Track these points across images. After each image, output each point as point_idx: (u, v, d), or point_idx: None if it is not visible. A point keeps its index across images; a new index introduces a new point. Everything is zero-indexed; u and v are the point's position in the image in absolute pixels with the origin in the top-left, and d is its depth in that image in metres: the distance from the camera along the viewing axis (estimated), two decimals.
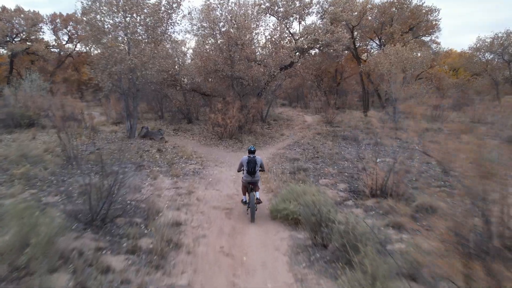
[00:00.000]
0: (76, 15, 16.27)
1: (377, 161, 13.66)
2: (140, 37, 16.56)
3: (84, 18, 15.68)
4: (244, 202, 8.09)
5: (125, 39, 15.83)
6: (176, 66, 20.84)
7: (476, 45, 35.56)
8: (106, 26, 15.62)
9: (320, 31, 18.65)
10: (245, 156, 7.92)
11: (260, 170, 7.88)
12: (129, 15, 15.63)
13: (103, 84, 16.06)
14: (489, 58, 35.89)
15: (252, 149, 7.90)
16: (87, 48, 18.38)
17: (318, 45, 19.19)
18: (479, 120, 25.17)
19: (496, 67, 34.24)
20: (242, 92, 20.06)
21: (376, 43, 33.13)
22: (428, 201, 8.47)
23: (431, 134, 20.12)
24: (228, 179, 11.17)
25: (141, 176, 10.65)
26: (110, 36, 15.48)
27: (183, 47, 22.63)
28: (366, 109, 31.57)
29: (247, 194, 7.89)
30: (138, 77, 15.94)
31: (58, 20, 37.13)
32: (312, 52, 23.64)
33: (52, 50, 37.07)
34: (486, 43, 34.61)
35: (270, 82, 19.61)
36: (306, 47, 19.33)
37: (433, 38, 30.34)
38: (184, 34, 24.29)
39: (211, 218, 7.73)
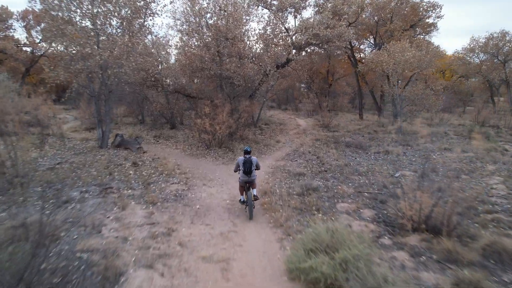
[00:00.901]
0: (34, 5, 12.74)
1: (396, 175, 11.30)
2: (113, 29, 13.77)
3: (43, 6, 12.75)
4: (242, 202, 8.04)
5: (94, 30, 12.97)
6: (158, 65, 18.06)
7: (470, 46, 33.94)
8: (70, 15, 12.77)
9: (320, 25, 16.18)
10: (241, 157, 7.81)
11: (255, 169, 7.87)
12: (99, 4, 12.83)
13: (70, 84, 13.23)
14: (483, 58, 34.29)
15: (248, 150, 7.86)
16: (50, 43, 15.17)
17: (318, 41, 16.72)
18: (483, 122, 23.27)
19: (491, 68, 32.55)
20: (233, 94, 17.44)
21: (371, 42, 31.01)
22: (497, 241, 6.11)
23: (439, 138, 18.07)
24: (221, 205, 8.51)
25: (105, 205, 7.89)
26: (75, 27, 12.61)
27: (165, 45, 19.80)
28: (361, 111, 29.37)
29: (244, 193, 7.95)
30: (109, 75, 13.14)
31: (30, 17, 33.65)
32: (309, 49, 21.08)
33: (24, 48, 33.61)
34: (480, 44, 33.00)
35: (265, 82, 17.01)
36: (304, 43, 16.84)
37: (430, 37, 28.28)
38: (167, 30, 20.38)
39: (200, 283, 5.07)
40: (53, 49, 14.55)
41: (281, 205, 8.31)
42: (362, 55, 31.99)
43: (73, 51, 12.50)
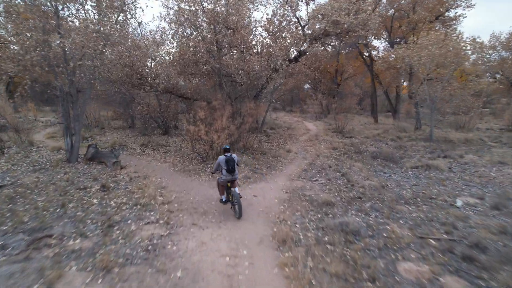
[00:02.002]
0: None
1: (458, 204, 8.09)
2: (84, 11, 10.54)
3: None
4: (225, 202, 7.61)
5: (53, 7, 9.74)
6: (146, 60, 14.85)
7: (490, 43, 30.63)
8: None
9: (340, 11, 12.95)
10: (221, 156, 7.23)
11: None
12: None
13: (23, 81, 10.03)
14: (505, 56, 30.97)
15: (228, 147, 7.37)
16: None
17: (338, 31, 13.47)
18: None
19: None
20: (234, 94, 14.23)
21: (384, 38, 27.75)
22: None
23: (479, 147, 14.66)
24: (218, 269, 5.23)
25: (23, 278, 4.67)
26: (25, 2, 9.38)
27: (154, 37, 16.56)
28: (376, 114, 26.15)
29: (225, 193, 7.61)
30: (73, 69, 9.92)
31: None
32: (325, 41, 17.79)
33: None
34: (502, 40, 29.71)
35: (273, 79, 13.77)
36: (320, 32, 13.61)
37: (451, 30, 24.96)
38: (159, 22, 16.79)
39: None
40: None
41: (311, 267, 5.11)
42: (374, 52, 28.71)
43: (24, 38, 9.25)
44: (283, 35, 14.10)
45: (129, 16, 11.50)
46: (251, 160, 12.25)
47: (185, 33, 12.22)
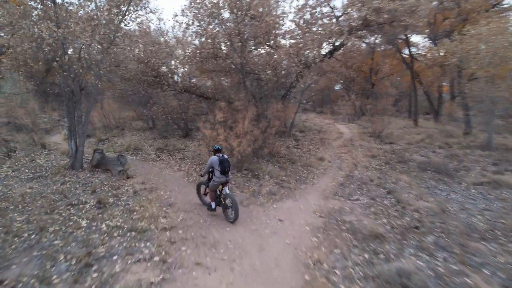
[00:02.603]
0: None
1: None
2: None
3: None
4: (214, 209, 7.01)
5: None
6: (165, 56, 13.38)
7: None
8: None
9: None
10: (214, 157, 6.64)
11: None
12: None
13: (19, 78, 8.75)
14: None
15: (219, 148, 6.83)
16: None
17: (381, 20, 11.36)
18: None
19: None
20: (259, 94, 12.44)
21: (425, 34, 24.97)
22: None
23: None
24: None
25: None
26: None
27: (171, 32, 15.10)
28: (416, 116, 23.53)
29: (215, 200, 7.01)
30: (69, 63, 8.46)
31: None
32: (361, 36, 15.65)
33: None
34: None
35: (304, 76, 11.84)
36: (360, 22, 11.56)
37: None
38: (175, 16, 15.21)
39: None
40: None
41: None
42: (414, 49, 25.99)
43: (17, 27, 7.90)
44: (314, 29, 12.17)
45: (138, 8, 9.94)
46: (277, 171, 10.41)
47: (202, 22, 10.46)
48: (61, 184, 8.70)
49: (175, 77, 13.57)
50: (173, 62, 13.39)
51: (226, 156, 6.74)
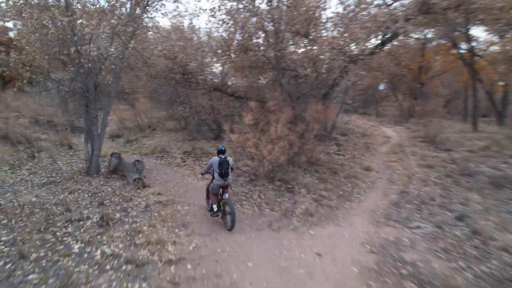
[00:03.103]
0: None
1: None
2: None
3: None
4: (215, 212, 6.41)
5: None
6: (196, 53, 12.19)
7: None
8: None
9: None
10: (215, 157, 6.28)
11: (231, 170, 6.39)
12: None
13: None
14: None
15: (223, 149, 6.43)
16: None
17: (445, 4, 9.32)
18: None
19: None
20: (296, 93, 10.84)
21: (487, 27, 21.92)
22: None
23: None
24: None
25: None
26: None
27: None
28: (476, 119, 20.67)
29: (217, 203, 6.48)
30: (75, 55, 7.35)
31: None
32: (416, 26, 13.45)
33: None
34: None
35: (349, 71, 10.07)
36: (418, 8, 9.59)
37: None
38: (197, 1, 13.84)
39: None
40: None
41: None
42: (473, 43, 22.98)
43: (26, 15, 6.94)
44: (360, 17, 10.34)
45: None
46: (315, 183, 8.77)
47: (230, 6, 8.98)
48: (69, 193, 7.68)
49: (205, 75, 12.33)
50: (200, 58, 12.14)
51: (229, 158, 6.33)
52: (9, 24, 21.78)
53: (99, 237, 5.58)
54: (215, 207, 6.43)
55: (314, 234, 6.00)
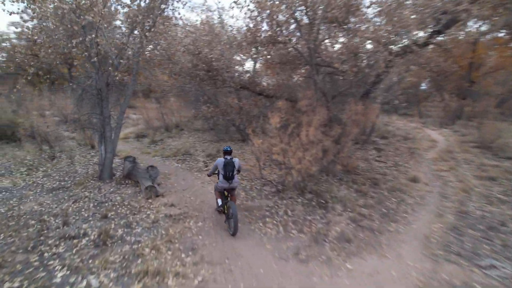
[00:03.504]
0: None
1: None
2: None
3: None
4: (219, 207, 6.27)
5: None
6: (221, 48, 11.16)
7: None
8: None
9: None
10: (220, 158, 5.96)
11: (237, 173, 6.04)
12: None
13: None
14: None
15: (229, 149, 6.02)
16: None
17: None
18: None
19: None
20: (332, 91, 9.49)
21: None
22: None
23: None
24: None
25: None
26: None
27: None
28: None
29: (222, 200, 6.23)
30: (80, 48, 6.50)
31: None
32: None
33: None
34: None
35: (394, 66, 8.57)
36: None
37: None
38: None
39: None
40: None
41: None
42: None
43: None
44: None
45: None
46: (353, 197, 7.42)
47: None
48: (75, 201, 6.88)
49: (232, 72, 11.26)
50: (227, 54, 11.06)
51: (235, 159, 5.95)
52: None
53: (90, 261, 4.64)
54: (219, 201, 6.25)
55: (352, 269, 4.70)
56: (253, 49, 8.93)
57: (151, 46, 8.30)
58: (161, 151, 12.38)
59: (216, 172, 6.14)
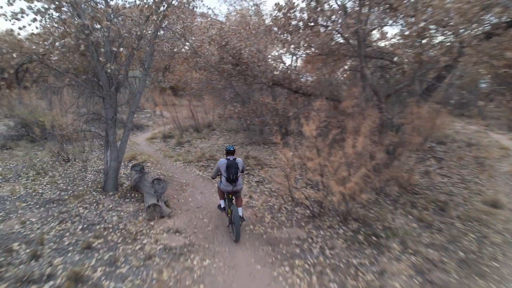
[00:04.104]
0: None
1: None
2: None
3: None
4: (222, 209, 5.77)
5: None
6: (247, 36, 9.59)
7: None
8: None
9: None
10: (222, 159, 5.41)
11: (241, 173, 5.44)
12: None
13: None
14: None
15: (231, 149, 5.41)
16: None
17: None
18: None
19: None
20: (386, 89, 7.52)
21: None
22: None
23: None
24: None
25: None
26: None
27: None
28: None
29: (225, 201, 5.68)
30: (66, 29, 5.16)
31: None
32: None
33: None
34: None
35: (464, 57, 6.41)
36: None
37: None
38: None
39: None
40: None
41: None
42: None
43: None
44: None
45: None
46: (413, 229, 5.48)
47: None
48: (61, 221, 5.61)
49: (265, 66, 9.62)
50: (257, 44, 9.42)
51: (238, 160, 5.40)
52: None
53: None
54: (222, 203, 5.80)
55: None
56: (285, 34, 7.17)
57: (162, 32, 6.86)
58: (185, 155, 11.05)
59: (219, 174, 5.50)
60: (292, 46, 8.47)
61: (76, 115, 9.31)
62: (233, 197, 5.46)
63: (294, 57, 12.70)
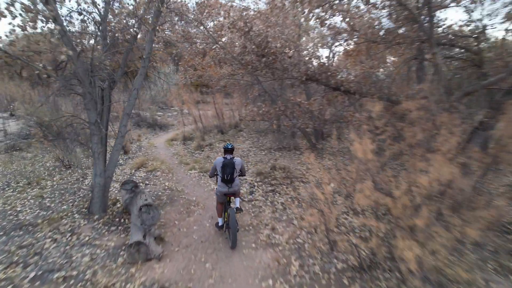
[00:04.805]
0: None
1: None
2: None
3: None
4: (221, 226, 5.17)
5: None
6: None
7: None
8: None
9: None
10: (219, 157, 4.98)
11: (239, 175, 5.02)
12: None
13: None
14: None
15: (229, 147, 5.04)
16: None
17: None
18: None
19: None
20: (463, 87, 5.43)
21: None
22: None
23: None
24: None
25: None
26: None
27: None
28: None
29: (223, 219, 5.15)
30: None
31: None
32: None
33: None
34: None
35: None
36: None
37: None
38: None
39: None
40: None
41: None
42: None
43: None
44: None
45: None
46: None
47: None
48: (11, 264, 4.14)
49: (297, 58, 7.78)
50: (287, 32, 7.57)
51: (236, 159, 4.87)
52: None
53: None
54: (220, 221, 5.13)
55: None
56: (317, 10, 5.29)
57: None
58: (203, 162, 9.48)
59: (216, 174, 5.00)
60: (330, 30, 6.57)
61: (54, 116, 7.96)
62: (230, 199, 5.11)
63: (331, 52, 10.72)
